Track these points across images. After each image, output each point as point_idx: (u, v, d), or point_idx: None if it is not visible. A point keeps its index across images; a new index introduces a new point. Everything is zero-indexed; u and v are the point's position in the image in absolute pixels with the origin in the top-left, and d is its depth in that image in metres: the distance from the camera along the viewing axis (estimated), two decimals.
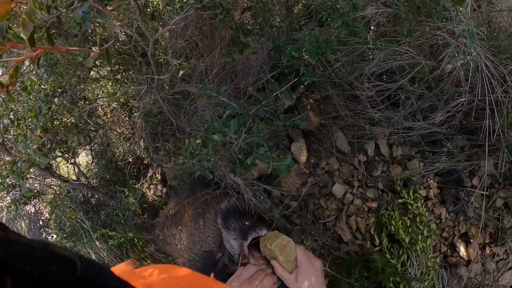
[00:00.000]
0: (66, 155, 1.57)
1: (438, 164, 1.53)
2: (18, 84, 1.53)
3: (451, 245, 1.53)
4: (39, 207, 2.23)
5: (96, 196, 1.96)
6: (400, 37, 1.30)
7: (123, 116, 1.86)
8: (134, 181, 1.92)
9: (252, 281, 1.04)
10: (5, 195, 1.66)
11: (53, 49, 0.92)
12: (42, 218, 2.26)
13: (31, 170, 1.67)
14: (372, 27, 1.44)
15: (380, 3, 1.25)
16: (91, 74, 1.71)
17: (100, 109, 1.87)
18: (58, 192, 1.91)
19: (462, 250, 1.50)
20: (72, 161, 1.68)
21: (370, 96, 1.49)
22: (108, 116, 1.87)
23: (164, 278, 0.65)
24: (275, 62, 1.58)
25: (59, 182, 1.78)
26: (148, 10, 1.63)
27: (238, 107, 1.31)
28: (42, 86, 1.42)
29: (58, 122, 1.49)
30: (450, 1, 1.06)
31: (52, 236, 2.12)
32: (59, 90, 1.60)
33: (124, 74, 1.71)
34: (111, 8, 0.91)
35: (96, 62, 1.63)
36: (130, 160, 2.00)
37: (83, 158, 2.34)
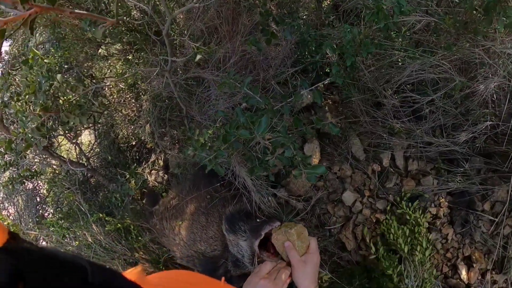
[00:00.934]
0: (68, 135, 1.46)
1: (452, 183, 1.50)
2: (21, 56, 1.40)
3: (453, 266, 1.52)
4: (37, 184, 2.13)
5: (95, 177, 1.87)
6: (438, 49, 1.24)
7: (129, 98, 1.76)
8: (136, 165, 1.83)
9: (270, 275, 1.14)
10: (2, 172, 1.56)
11: (53, 10, 0.78)
12: (40, 194, 2.17)
13: (35, 150, 1.56)
14: (408, 34, 1.37)
15: (422, 10, 1.18)
16: (99, 51, 1.59)
17: (106, 88, 1.76)
18: (57, 171, 1.81)
19: (463, 273, 1.49)
20: (74, 141, 1.57)
21: (395, 105, 1.43)
22: (115, 96, 1.76)
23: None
24: (299, 57, 1.49)
25: (58, 163, 1.68)
26: None
27: (262, 101, 1.23)
28: (45, 61, 1.30)
29: (61, 101, 1.38)
30: (503, 26, 0.99)
31: (49, 214, 2.04)
32: (66, 66, 1.48)
33: (136, 54, 1.60)
34: None
35: (107, 39, 1.51)
36: (133, 143, 1.91)
37: (86, 137, 2.24)
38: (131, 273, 0.53)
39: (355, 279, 1.49)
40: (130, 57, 1.61)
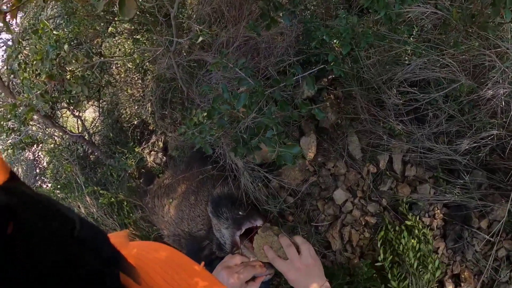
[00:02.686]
0: (72, 107, 1.52)
1: (450, 195, 1.42)
2: (31, 27, 1.47)
3: (439, 282, 1.43)
4: (38, 155, 2.23)
5: (95, 154, 1.93)
6: (445, 46, 1.18)
7: (136, 78, 1.80)
8: (135, 144, 1.87)
9: (236, 268, 1.12)
10: (5, 138, 1.64)
11: None
12: (40, 166, 2.26)
13: (34, 117, 1.63)
14: (415, 30, 1.32)
15: (430, 4, 1.13)
16: (109, 29, 1.65)
17: (114, 67, 1.81)
18: (58, 143, 1.89)
19: None
20: (76, 114, 1.63)
21: (396, 104, 1.38)
22: (122, 75, 1.81)
23: (155, 257, 0.63)
24: (302, 48, 1.47)
25: (60, 134, 1.75)
26: None
27: (254, 83, 1.22)
28: (54, 32, 1.36)
29: (68, 72, 1.44)
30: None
31: (47, 185, 2.12)
32: (75, 41, 1.54)
33: (145, 34, 1.64)
34: None
35: (118, 17, 1.56)
36: (135, 123, 1.95)
37: (90, 114, 2.32)
38: (115, 236, 0.53)
39: (334, 280, 1.43)
40: (139, 37, 1.66)
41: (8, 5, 0.84)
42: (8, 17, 0.81)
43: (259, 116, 1.12)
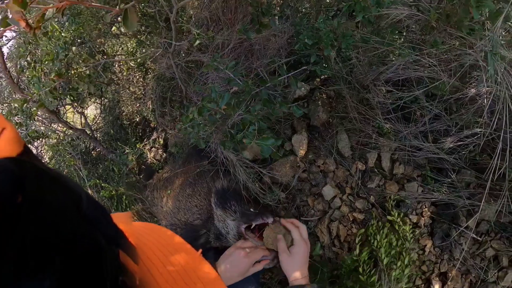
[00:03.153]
0: (75, 104, 1.63)
1: (438, 194, 1.43)
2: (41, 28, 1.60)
3: (426, 281, 1.44)
4: (41, 150, 2.33)
5: (97, 149, 2.04)
6: (426, 46, 1.21)
7: (138, 76, 1.90)
8: (137, 140, 1.97)
9: (246, 250, 1.23)
10: None
11: (79, 3, 1.08)
12: (42, 161, 2.37)
13: (39, 112, 1.74)
14: (397, 31, 1.35)
15: (412, 6, 1.17)
16: (112, 29, 1.75)
17: (117, 65, 1.91)
18: (61, 138, 1.99)
19: None
20: (79, 110, 1.74)
21: (382, 102, 1.41)
22: (124, 74, 1.91)
23: (155, 239, 0.66)
24: (294, 49, 1.53)
25: (64, 129, 1.86)
26: None
27: (242, 84, 1.29)
28: (62, 34, 1.48)
29: (73, 71, 1.55)
30: (479, 14, 0.96)
31: None
32: (79, 40, 1.65)
33: (147, 36, 1.74)
34: None
35: (119, 19, 1.67)
36: (137, 120, 2.04)
37: (92, 111, 2.42)
38: (119, 216, 0.56)
39: (322, 274, 1.47)
40: (142, 38, 1.76)
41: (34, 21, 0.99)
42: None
43: (244, 114, 1.19)
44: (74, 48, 1.42)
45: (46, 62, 1.52)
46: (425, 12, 1.20)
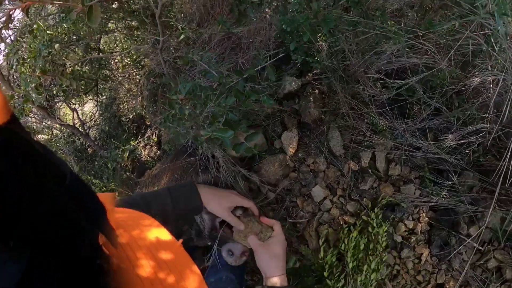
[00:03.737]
0: (67, 101, 1.63)
1: (437, 198, 1.30)
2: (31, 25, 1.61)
3: None
4: None
5: (89, 146, 2.04)
6: (420, 29, 1.08)
7: (134, 73, 1.88)
8: (131, 137, 1.95)
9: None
10: None
11: (40, 2, 1.10)
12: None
13: (34, 109, 1.76)
14: (386, 13, 1.22)
15: None
16: (108, 26, 1.74)
17: (113, 62, 1.91)
18: (55, 134, 2.01)
19: None
20: (72, 107, 1.75)
21: (374, 94, 1.29)
22: (120, 71, 1.90)
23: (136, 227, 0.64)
24: (283, 42, 1.44)
25: (58, 125, 1.87)
26: None
27: (217, 75, 1.22)
28: (48, 32, 1.48)
29: (61, 68, 1.54)
30: None
31: None
32: (74, 37, 1.65)
33: (136, 32, 1.72)
34: None
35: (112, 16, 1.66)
36: (131, 117, 2.03)
37: (90, 108, 2.44)
38: (103, 196, 0.54)
39: (302, 278, 1.37)
40: (135, 34, 1.74)
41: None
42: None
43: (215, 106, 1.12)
44: (57, 45, 1.42)
45: (29, 59, 1.53)
46: None
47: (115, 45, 1.84)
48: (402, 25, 1.28)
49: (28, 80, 1.51)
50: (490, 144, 1.22)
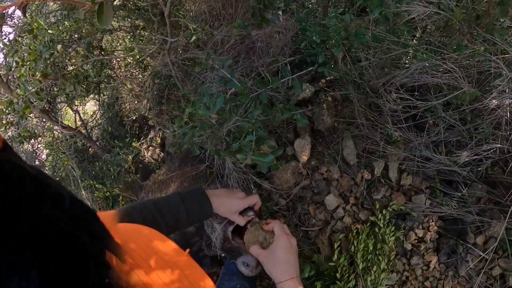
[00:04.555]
0: (69, 102, 1.54)
1: (446, 208, 1.35)
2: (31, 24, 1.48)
3: None
4: (37, 147, 2.27)
5: (92, 148, 1.96)
6: (447, 50, 1.10)
7: (136, 73, 1.80)
8: (133, 139, 1.88)
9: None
10: (3, 131, 1.67)
11: None
12: (39, 158, 2.31)
13: (33, 111, 1.65)
14: (417, 33, 1.24)
15: (433, 4, 1.05)
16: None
17: (115, 61, 1.81)
18: (56, 137, 1.92)
19: None
20: (74, 108, 1.65)
21: (394, 110, 1.31)
22: (122, 70, 1.81)
23: (142, 242, 0.65)
24: (298, 48, 1.42)
25: (59, 128, 1.78)
26: None
27: (240, 85, 1.19)
28: (49, 31, 1.36)
29: (62, 71, 1.44)
30: None
31: None
32: (76, 36, 1.54)
33: (142, 32, 1.63)
34: None
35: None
36: (135, 118, 1.96)
37: (91, 107, 2.33)
38: (104, 216, 0.54)
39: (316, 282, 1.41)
40: (139, 33, 1.65)
41: None
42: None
43: (241, 119, 1.10)
44: (59, 46, 1.31)
45: (28, 62, 1.41)
46: (446, 10, 1.08)
47: (118, 44, 1.74)
48: (417, 41, 1.29)
49: (28, 84, 1.41)
50: (499, 158, 1.28)
